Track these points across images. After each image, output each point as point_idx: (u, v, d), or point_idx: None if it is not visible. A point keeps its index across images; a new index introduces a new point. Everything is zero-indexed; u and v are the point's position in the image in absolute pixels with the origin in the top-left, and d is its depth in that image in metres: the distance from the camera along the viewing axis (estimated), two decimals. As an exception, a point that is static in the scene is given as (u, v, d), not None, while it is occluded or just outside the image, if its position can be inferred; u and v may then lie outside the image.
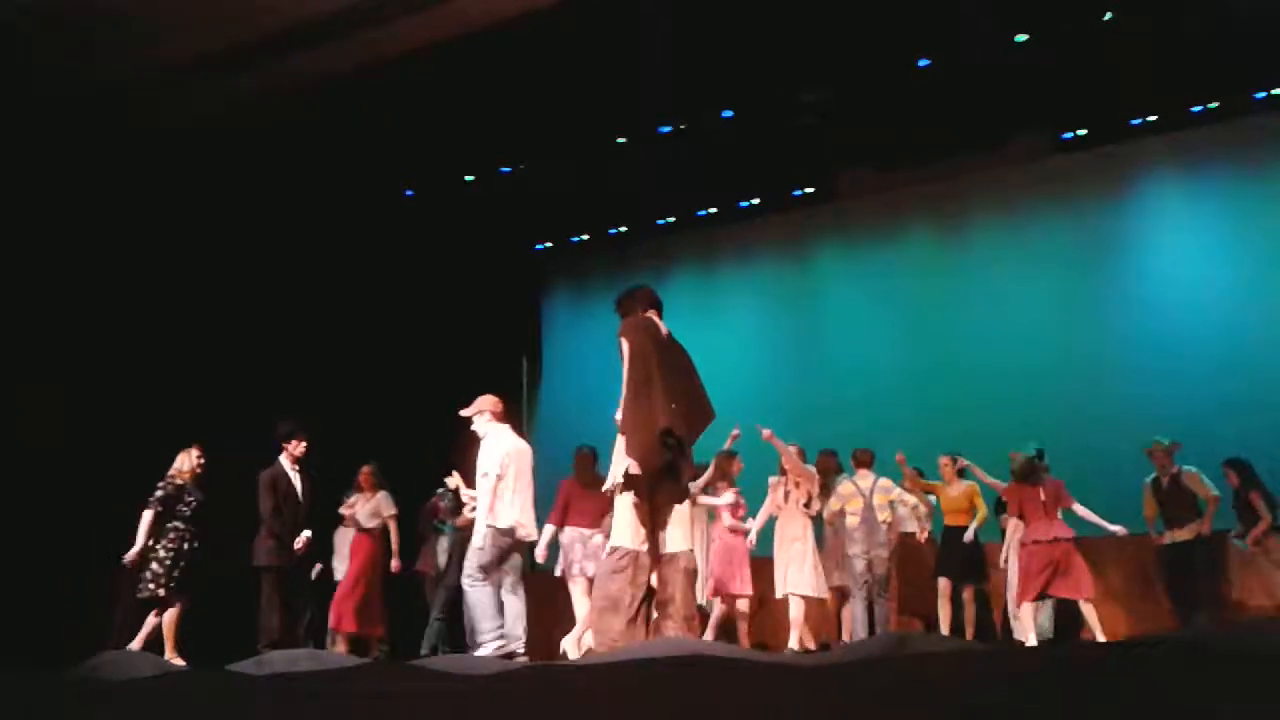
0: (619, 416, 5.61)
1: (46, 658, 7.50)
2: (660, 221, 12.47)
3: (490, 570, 6.64)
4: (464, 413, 6.98)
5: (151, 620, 7.61)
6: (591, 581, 7.78)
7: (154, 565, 7.59)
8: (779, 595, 8.08)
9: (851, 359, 11.06)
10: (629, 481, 5.29)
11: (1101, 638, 7.33)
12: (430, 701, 3.02)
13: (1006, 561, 8.33)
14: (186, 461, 7.87)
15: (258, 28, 8.71)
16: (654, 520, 5.35)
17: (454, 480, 7.82)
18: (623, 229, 12.65)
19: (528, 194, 11.53)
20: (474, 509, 7.01)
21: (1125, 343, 9.95)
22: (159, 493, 7.67)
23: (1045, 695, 2.62)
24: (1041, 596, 7.56)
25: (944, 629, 8.44)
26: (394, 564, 9.08)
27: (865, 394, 10.71)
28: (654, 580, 5.39)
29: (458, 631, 7.76)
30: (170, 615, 7.57)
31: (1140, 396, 9.50)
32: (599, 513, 7.91)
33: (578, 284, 13.22)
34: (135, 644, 7.44)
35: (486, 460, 6.76)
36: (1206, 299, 9.68)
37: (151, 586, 7.55)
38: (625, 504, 5.31)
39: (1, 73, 8.53)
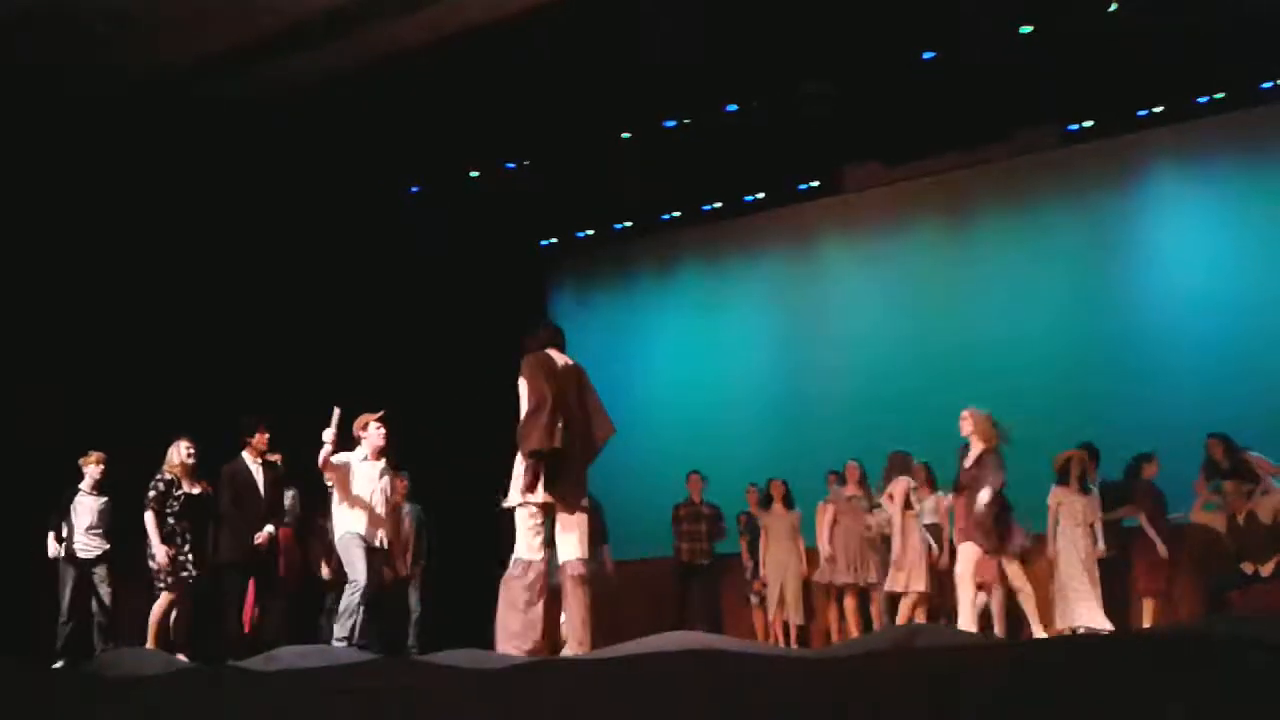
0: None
1: (47, 656, 7.56)
2: (665, 216, 12.46)
3: None
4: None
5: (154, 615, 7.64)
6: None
7: (149, 564, 7.65)
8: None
9: (858, 352, 11.04)
10: (526, 499, 5.81)
11: None
12: (443, 696, 3.02)
13: None
14: (175, 455, 7.83)
15: (259, 26, 8.70)
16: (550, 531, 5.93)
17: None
18: (628, 224, 12.64)
19: (533, 190, 11.52)
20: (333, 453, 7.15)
21: (1134, 333, 9.93)
22: (151, 492, 7.68)
23: (1055, 689, 2.60)
24: None
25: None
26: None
27: (872, 388, 10.70)
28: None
29: None
30: (157, 609, 7.59)
31: (1149, 387, 9.48)
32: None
33: (583, 280, 13.22)
34: (149, 643, 7.47)
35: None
36: (1215, 289, 9.66)
37: (157, 583, 7.61)
38: (523, 520, 5.82)
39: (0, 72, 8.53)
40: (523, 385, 6.00)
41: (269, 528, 7.76)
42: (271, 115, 9.66)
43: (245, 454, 7.82)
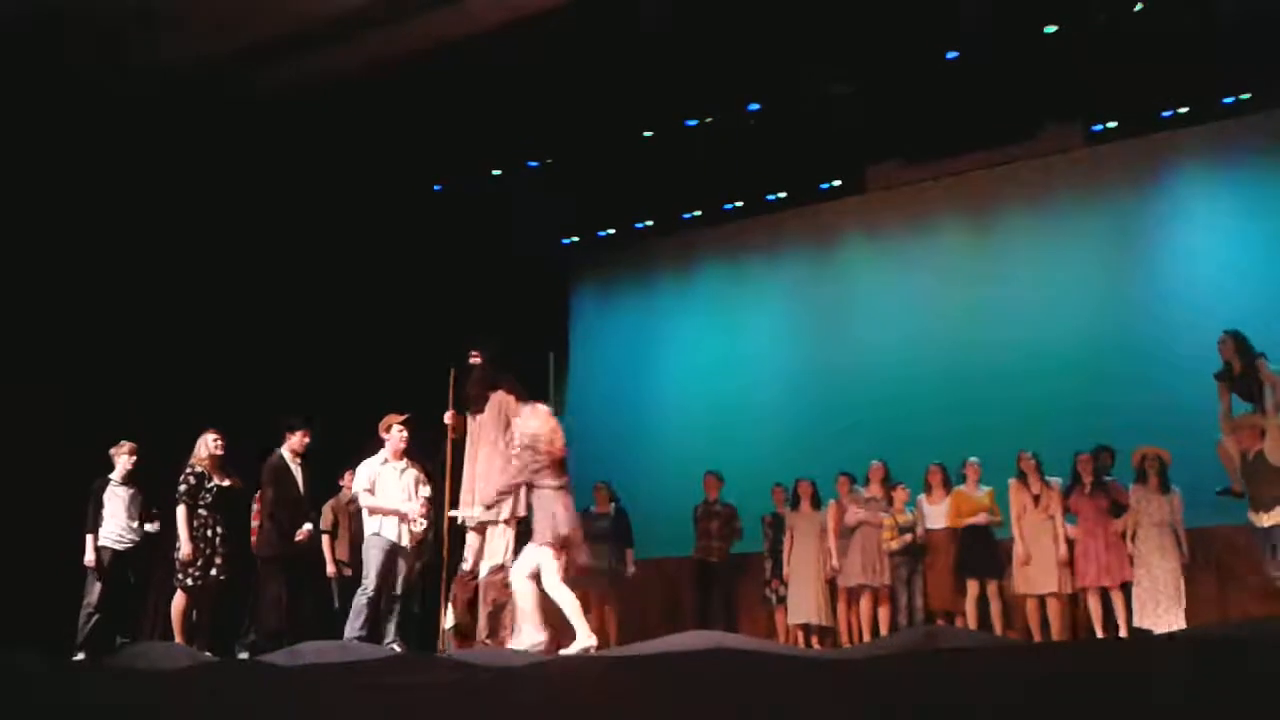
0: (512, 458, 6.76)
1: (66, 648, 7.63)
2: (687, 216, 12.45)
3: None
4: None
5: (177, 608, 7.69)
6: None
7: (178, 558, 7.64)
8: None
9: (879, 352, 10.99)
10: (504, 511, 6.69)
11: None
12: (461, 692, 3.05)
13: None
14: (204, 448, 7.81)
15: (281, 25, 8.75)
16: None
17: None
18: (649, 223, 12.66)
19: (555, 189, 11.55)
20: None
21: (1158, 335, 9.84)
22: (182, 486, 7.67)
23: (1075, 690, 2.60)
24: None
25: (972, 627, 8.48)
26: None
27: (893, 387, 10.66)
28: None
29: None
30: (178, 603, 7.62)
31: (1172, 390, 9.39)
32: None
33: (605, 279, 13.24)
34: (178, 637, 7.53)
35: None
36: (1239, 292, 9.55)
37: (180, 577, 7.64)
38: (504, 533, 6.67)
39: (4, 71, 8.58)
40: (523, 412, 6.66)
41: (308, 525, 7.82)
42: (294, 114, 9.72)
43: (284, 451, 7.87)
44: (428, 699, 3.08)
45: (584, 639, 6.02)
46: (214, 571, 7.67)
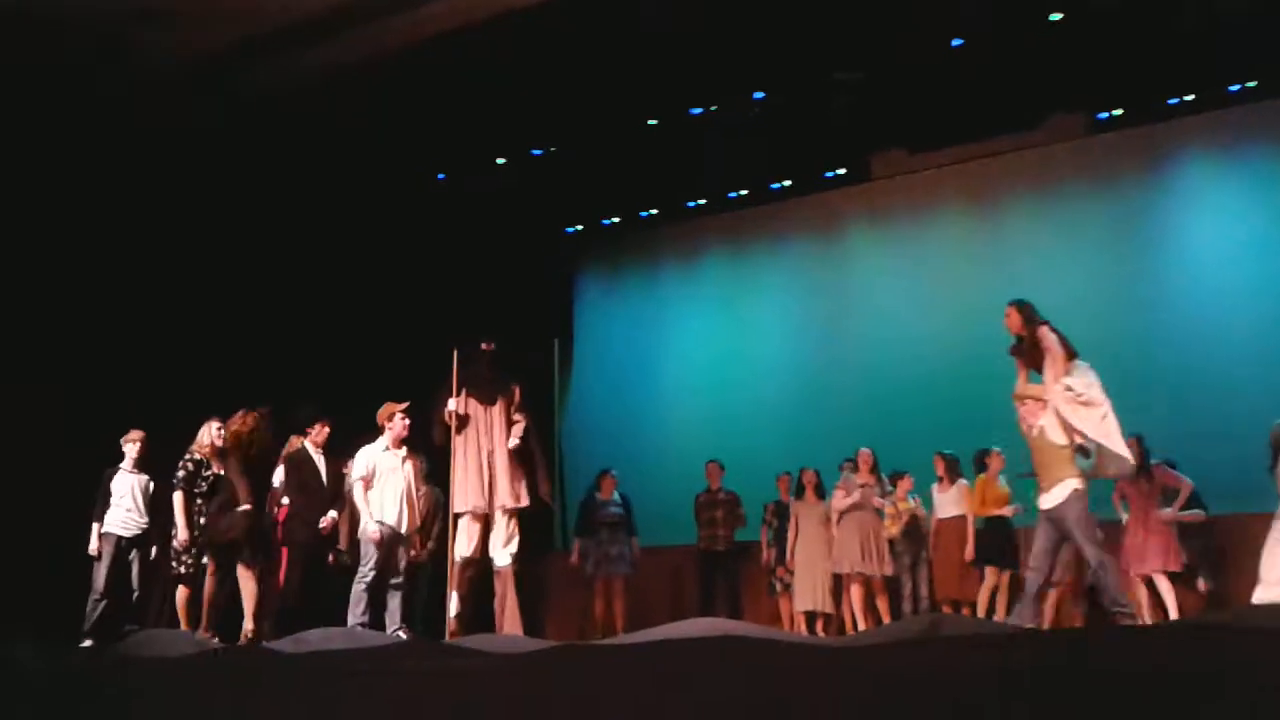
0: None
1: (74, 635, 7.64)
2: (691, 204, 12.44)
3: None
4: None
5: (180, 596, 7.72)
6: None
7: (174, 544, 7.69)
8: None
9: (883, 341, 10.98)
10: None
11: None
12: (467, 679, 3.05)
13: None
14: (206, 435, 7.84)
15: (279, 19, 8.73)
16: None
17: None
18: (653, 212, 12.64)
19: (559, 177, 11.53)
20: None
21: (1163, 324, 9.83)
22: (180, 473, 7.69)
23: (1081, 678, 2.61)
24: None
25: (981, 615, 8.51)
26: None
27: (897, 376, 10.65)
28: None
29: None
30: (182, 592, 7.66)
31: (1176, 379, 9.40)
32: None
33: (609, 267, 13.24)
34: (183, 624, 7.56)
35: None
36: (1244, 280, 9.55)
37: (174, 565, 7.66)
38: (509, 518, 7.35)
39: (4, 70, 8.57)
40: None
41: (332, 513, 7.76)
42: (294, 104, 9.71)
43: (306, 443, 7.85)
44: (434, 686, 3.09)
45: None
46: (204, 562, 7.70)
